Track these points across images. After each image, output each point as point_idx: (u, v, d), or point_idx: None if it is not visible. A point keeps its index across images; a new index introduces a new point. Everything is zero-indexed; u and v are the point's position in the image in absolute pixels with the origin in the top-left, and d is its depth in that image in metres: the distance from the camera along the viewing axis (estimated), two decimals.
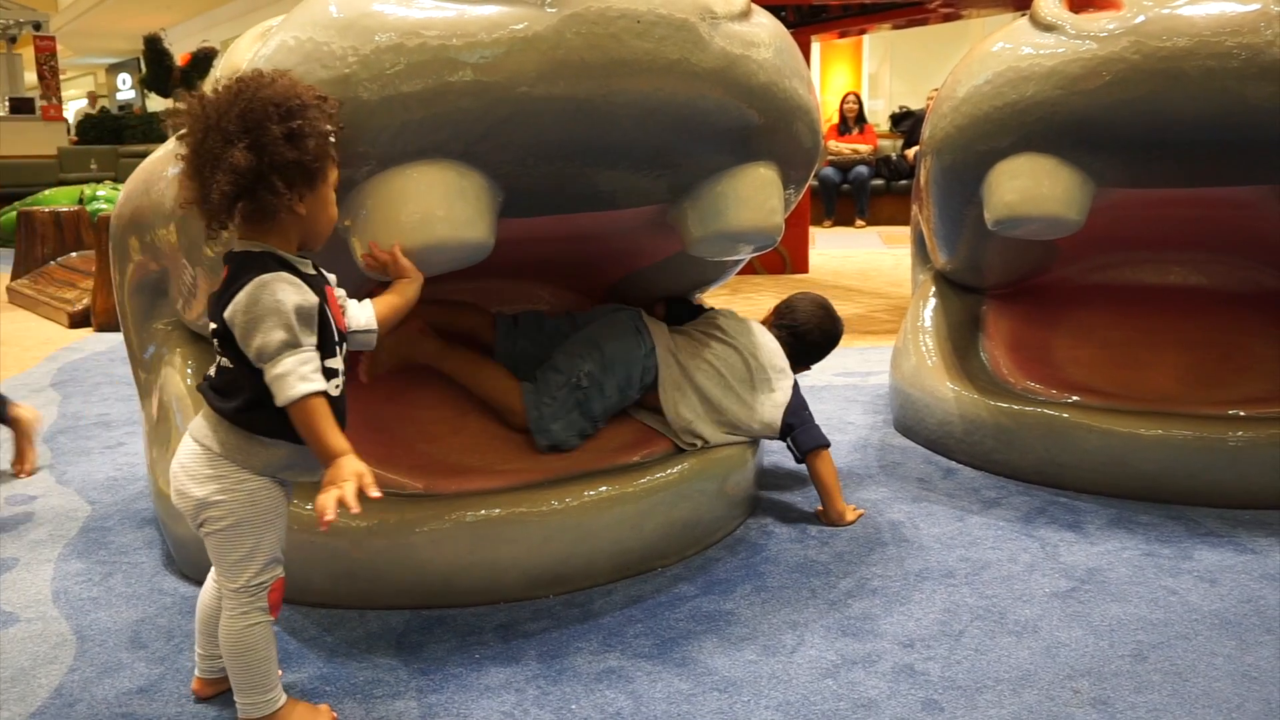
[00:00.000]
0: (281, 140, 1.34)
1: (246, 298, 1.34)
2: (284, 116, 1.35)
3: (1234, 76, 2.02)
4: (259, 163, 1.33)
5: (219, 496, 1.42)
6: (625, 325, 2.26)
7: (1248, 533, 2.17)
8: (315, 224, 1.44)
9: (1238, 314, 2.78)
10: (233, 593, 1.45)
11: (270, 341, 1.33)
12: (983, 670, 1.63)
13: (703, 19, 1.69)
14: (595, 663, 1.68)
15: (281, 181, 1.35)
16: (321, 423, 1.35)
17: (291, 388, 1.33)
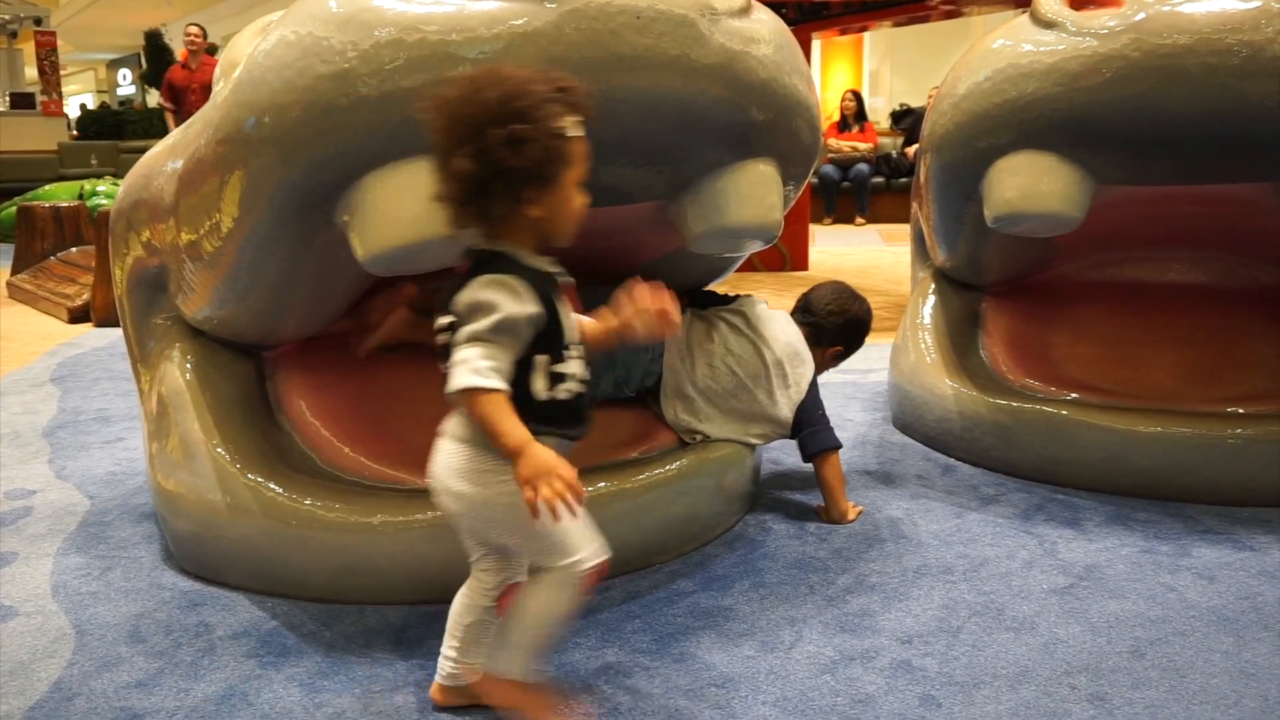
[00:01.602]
0: (503, 146, 1.29)
1: (468, 293, 1.34)
2: (506, 120, 1.29)
3: (1234, 73, 2.02)
4: (480, 169, 1.30)
5: (484, 497, 1.39)
6: None
7: (1246, 530, 2.17)
8: (553, 223, 1.39)
9: (1237, 311, 2.78)
10: (554, 570, 1.40)
11: (465, 331, 1.33)
12: (980, 666, 1.63)
13: (703, 15, 1.69)
14: (594, 658, 1.68)
15: (505, 187, 1.32)
16: (488, 417, 1.31)
17: (460, 377, 1.31)
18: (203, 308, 2.05)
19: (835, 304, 2.44)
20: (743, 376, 2.23)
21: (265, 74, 1.63)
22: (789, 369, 2.27)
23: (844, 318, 2.44)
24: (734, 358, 2.25)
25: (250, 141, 1.66)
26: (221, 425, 2.01)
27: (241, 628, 1.80)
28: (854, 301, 2.47)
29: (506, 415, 1.31)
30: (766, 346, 2.26)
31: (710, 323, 2.31)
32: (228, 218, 1.78)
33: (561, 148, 1.33)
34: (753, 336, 2.27)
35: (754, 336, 2.27)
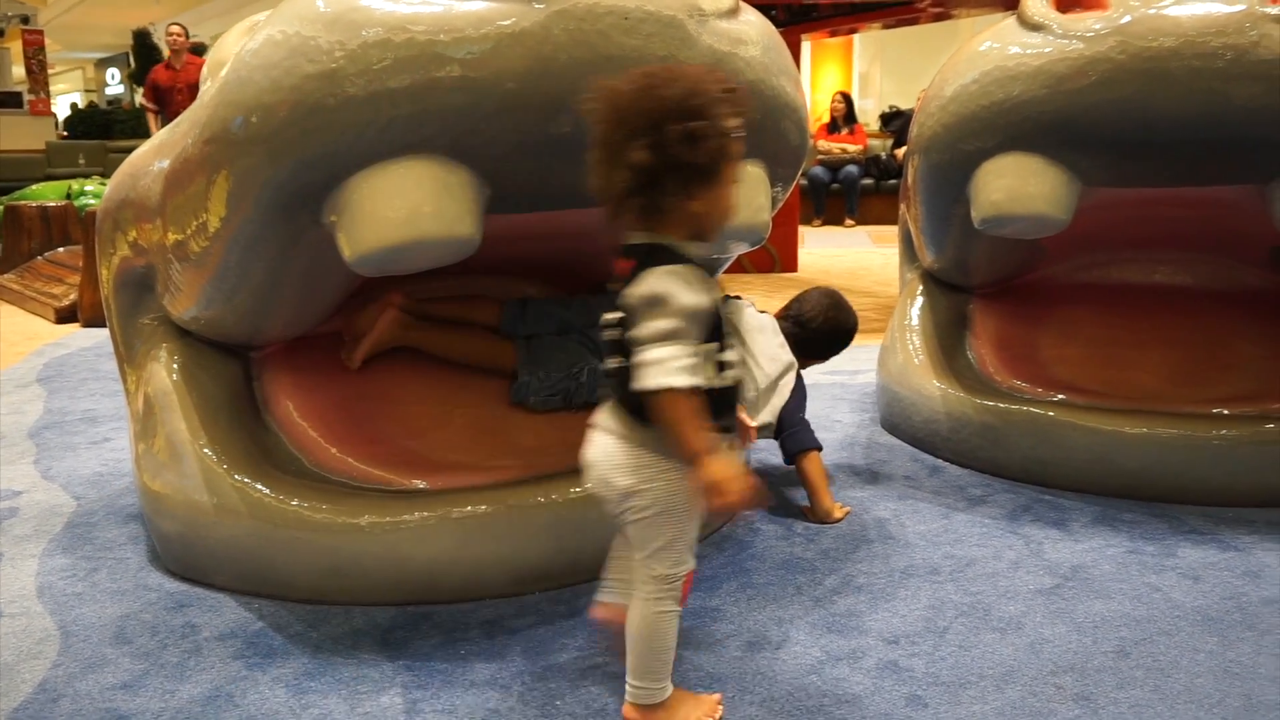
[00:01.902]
0: (680, 141, 1.32)
1: (645, 287, 1.35)
2: (685, 116, 1.32)
3: (1219, 76, 2.03)
4: (656, 162, 1.33)
5: (642, 486, 1.41)
6: None
7: (1231, 530, 2.18)
8: (710, 219, 1.41)
9: (1222, 312, 2.79)
10: (651, 579, 1.44)
11: (649, 329, 1.34)
12: (966, 666, 1.64)
13: (690, 16, 1.69)
14: (581, 659, 1.68)
15: (677, 181, 1.35)
16: (683, 418, 1.33)
17: (655, 377, 1.32)
18: (189, 308, 2.05)
19: (825, 318, 2.49)
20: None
21: (252, 73, 1.63)
22: (776, 380, 2.31)
23: (833, 331, 2.49)
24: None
25: (237, 141, 1.66)
26: (208, 425, 2.01)
27: (228, 629, 1.80)
28: (844, 314, 2.52)
29: (695, 418, 1.33)
30: (755, 360, 2.30)
31: None
32: (214, 217, 1.78)
33: (729, 146, 1.37)
34: (741, 348, 2.30)
35: (743, 348, 2.30)
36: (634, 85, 1.35)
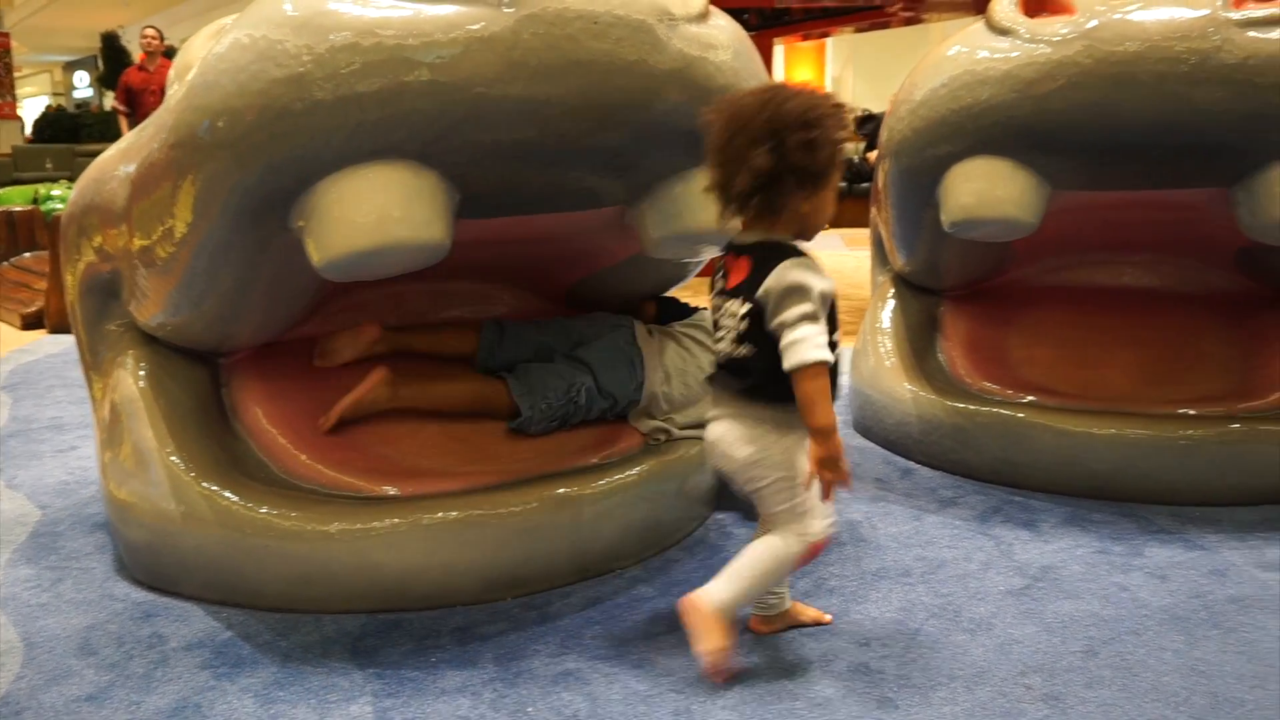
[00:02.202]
0: (800, 148, 1.51)
1: (784, 278, 1.53)
2: (804, 126, 1.51)
3: (1183, 81, 2.06)
4: (778, 165, 1.51)
5: (758, 456, 1.60)
6: (621, 356, 2.28)
7: (1197, 529, 2.21)
8: (814, 220, 1.61)
9: (1188, 313, 2.82)
10: (784, 528, 1.62)
11: (795, 313, 1.52)
12: (937, 668, 1.65)
13: (660, 21, 1.69)
14: (552, 665, 1.68)
15: (795, 182, 1.54)
16: (823, 391, 1.52)
17: (806, 353, 1.50)
18: (156, 314, 2.02)
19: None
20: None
21: (219, 77, 1.61)
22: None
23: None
24: (704, 372, 2.28)
25: (204, 146, 1.64)
26: (176, 433, 1.98)
27: (195, 639, 1.78)
28: None
29: (829, 394, 1.53)
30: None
31: (680, 342, 2.36)
32: (181, 223, 1.76)
33: (837, 156, 1.57)
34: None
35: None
36: (757, 98, 1.54)
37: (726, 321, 1.63)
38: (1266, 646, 1.69)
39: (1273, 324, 2.72)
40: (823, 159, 1.54)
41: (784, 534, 1.62)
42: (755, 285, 1.56)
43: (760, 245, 1.60)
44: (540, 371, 2.25)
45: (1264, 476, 2.33)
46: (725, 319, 1.64)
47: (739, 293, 1.59)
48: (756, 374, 1.59)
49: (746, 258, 1.60)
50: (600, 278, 2.42)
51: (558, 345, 2.33)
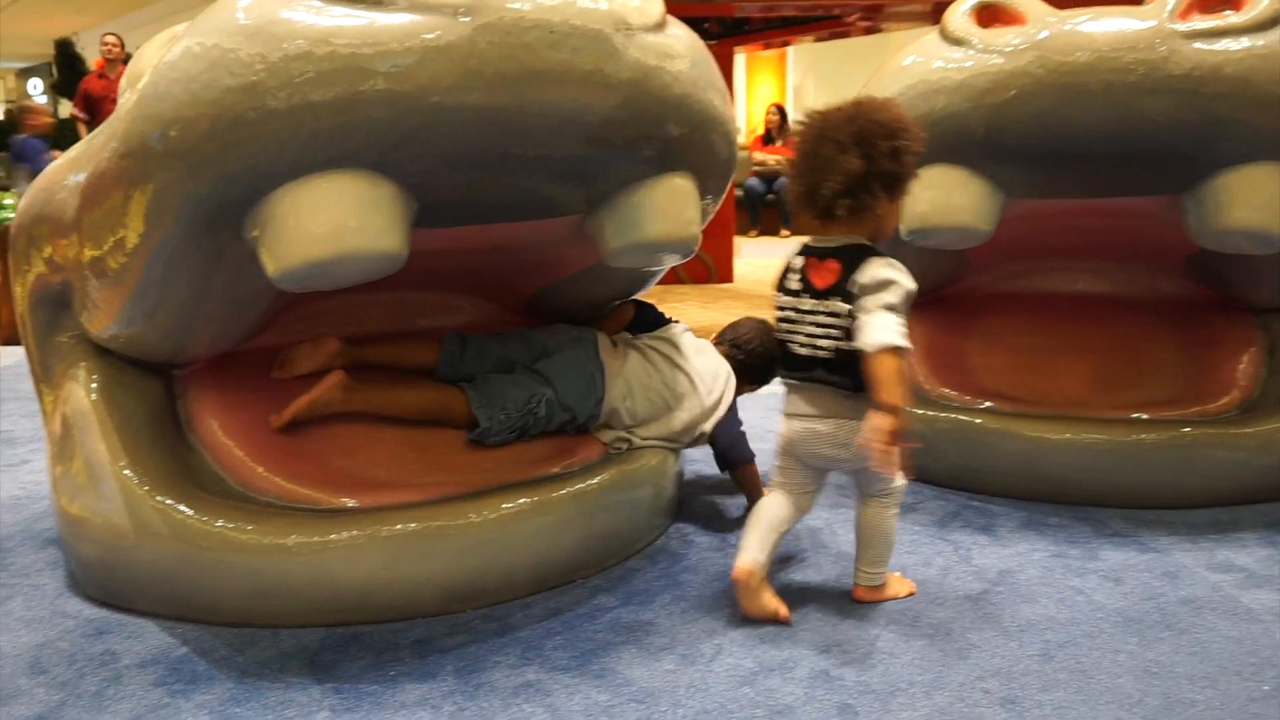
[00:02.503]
0: (887, 155, 1.70)
1: (876, 273, 1.70)
2: (890, 135, 1.70)
3: (1132, 91, 2.09)
4: (866, 169, 1.69)
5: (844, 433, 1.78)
6: (581, 370, 2.26)
7: (1150, 532, 2.24)
8: (886, 224, 1.80)
9: (1140, 319, 2.87)
10: (881, 497, 1.88)
11: (878, 301, 1.68)
12: (896, 674, 1.66)
13: (617, 30, 1.69)
14: (513, 676, 1.67)
15: (880, 187, 1.71)
16: (899, 372, 1.64)
17: (886, 336, 1.64)
18: (108, 325, 1.99)
19: (761, 341, 2.50)
20: (673, 403, 2.29)
21: (170, 86, 1.59)
22: (718, 393, 2.34)
23: (770, 354, 2.50)
24: (669, 391, 2.29)
25: (155, 155, 1.62)
26: (129, 446, 1.95)
27: (149, 655, 1.75)
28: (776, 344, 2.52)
29: (904, 377, 1.65)
30: (699, 376, 2.32)
31: (646, 355, 2.35)
32: (133, 233, 1.74)
33: (915, 165, 1.76)
34: (686, 368, 2.32)
35: (688, 368, 2.32)
36: (847, 110, 1.73)
37: (823, 320, 1.75)
38: (1217, 647, 1.72)
39: (1221, 329, 2.77)
40: (906, 166, 1.73)
41: (889, 501, 1.89)
42: (847, 281, 1.73)
43: (847, 248, 1.76)
44: (500, 382, 2.24)
45: (1214, 479, 2.37)
46: (820, 317, 1.76)
47: (835, 293, 1.74)
48: (857, 369, 1.71)
49: (834, 260, 1.76)
50: (560, 287, 2.41)
51: (519, 358, 2.32)
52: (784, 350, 1.85)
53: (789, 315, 1.82)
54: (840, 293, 1.73)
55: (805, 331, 1.78)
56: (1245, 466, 2.38)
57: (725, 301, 5.79)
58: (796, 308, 1.80)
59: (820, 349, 1.76)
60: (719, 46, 6.41)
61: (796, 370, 1.82)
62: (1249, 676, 1.63)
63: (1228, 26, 2.07)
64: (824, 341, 1.76)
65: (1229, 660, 1.68)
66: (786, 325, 1.83)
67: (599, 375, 2.26)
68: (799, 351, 1.80)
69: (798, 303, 1.80)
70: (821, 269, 1.77)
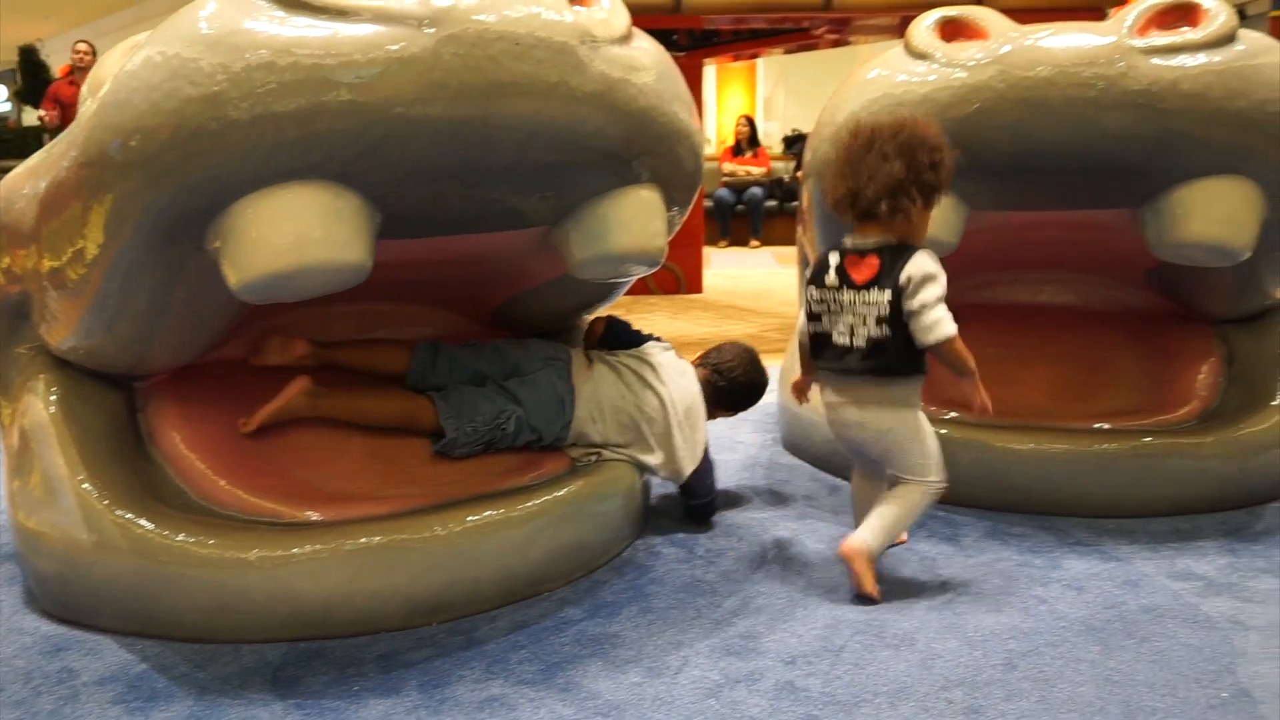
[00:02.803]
0: (926, 166, 1.90)
1: (921, 266, 1.90)
2: (931, 150, 1.91)
3: (1092, 105, 2.12)
4: (907, 177, 1.89)
5: (894, 424, 1.99)
6: (552, 393, 2.24)
7: (1113, 541, 2.27)
8: (920, 230, 1.98)
9: (1102, 330, 2.90)
10: (919, 482, 2.01)
11: (933, 295, 1.90)
12: (861, 684, 1.66)
13: (582, 42, 1.70)
14: (478, 691, 1.66)
15: (918, 193, 1.91)
16: (963, 351, 1.93)
17: (948, 328, 1.90)
18: (68, 337, 1.97)
19: (743, 370, 2.50)
20: (645, 429, 2.28)
21: (131, 95, 1.58)
22: (690, 430, 2.32)
23: (750, 384, 2.52)
24: (640, 414, 2.28)
25: (115, 165, 1.60)
26: (88, 459, 1.93)
27: (108, 672, 1.72)
28: (759, 370, 2.55)
29: (967, 351, 1.93)
30: (673, 406, 2.29)
31: (621, 375, 2.32)
32: (92, 244, 1.72)
33: (949, 180, 1.95)
34: (661, 392, 2.29)
35: (662, 393, 2.29)
36: (893, 123, 1.94)
37: (861, 310, 1.94)
38: (1176, 655, 1.74)
39: (1182, 340, 2.81)
40: (942, 179, 1.93)
41: (914, 486, 2.01)
42: (891, 275, 1.91)
43: (884, 246, 1.95)
44: (471, 394, 2.23)
45: (1175, 488, 2.40)
46: (859, 308, 1.95)
47: (875, 284, 1.93)
48: (892, 352, 1.93)
49: (873, 256, 1.95)
50: (526, 298, 2.41)
51: (491, 372, 2.30)
52: (817, 340, 2.05)
53: (826, 307, 2.02)
54: (877, 284, 1.92)
55: (845, 321, 1.98)
56: (1205, 475, 2.41)
57: (694, 312, 5.81)
58: (835, 299, 1.99)
59: (857, 337, 1.96)
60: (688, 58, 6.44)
61: (831, 358, 2.02)
62: (1207, 684, 1.65)
63: (1184, 43, 2.11)
64: (861, 329, 1.95)
65: (1188, 668, 1.70)
66: (823, 316, 2.03)
67: (569, 398, 2.25)
68: (836, 340, 2.00)
69: (837, 295, 1.99)
70: (861, 265, 1.96)
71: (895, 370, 1.96)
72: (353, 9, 1.56)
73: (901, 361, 1.95)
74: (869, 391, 2.00)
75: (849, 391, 2.02)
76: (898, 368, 1.96)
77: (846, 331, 1.97)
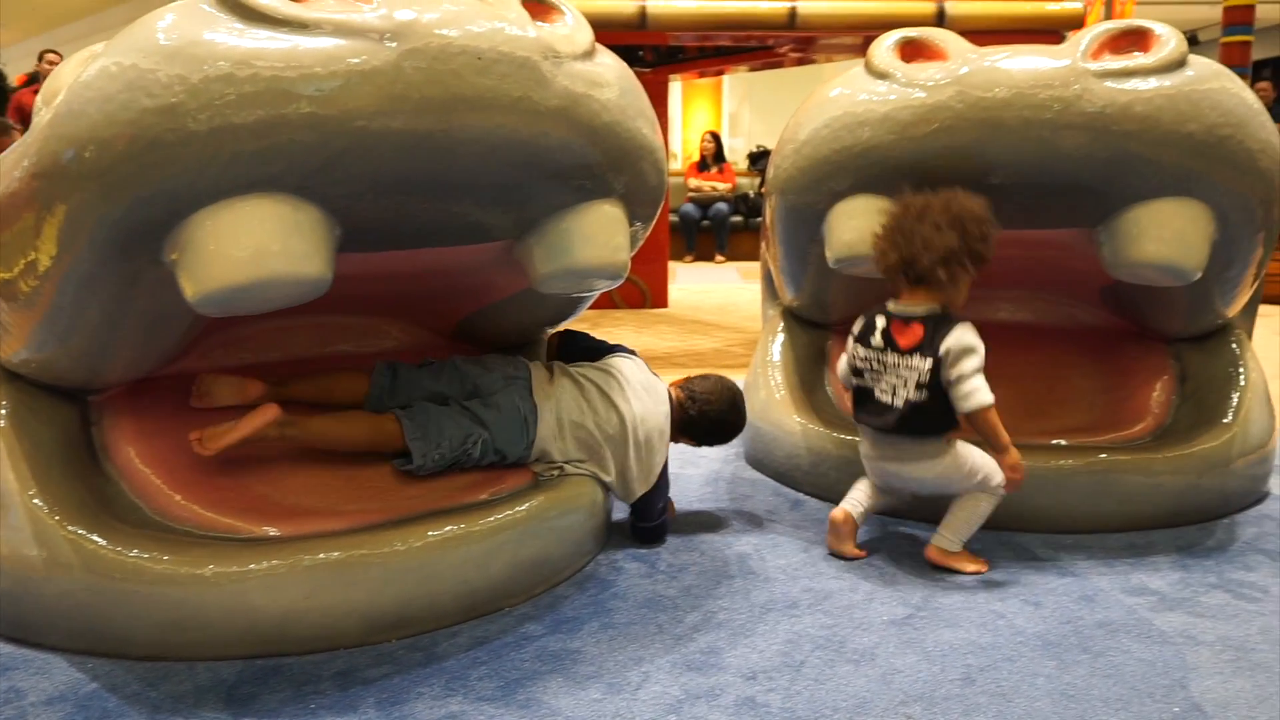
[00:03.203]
0: (977, 237, 2.08)
1: (960, 339, 2.09)
2: (979, 222, 2.10)
3: (1048, 126, 2.15)
4: (959, 245, 2.08)
5: (944, 468, 2.19)
6: (515, 415, 2.21)
7: (1069, 556, 2.29)
8: (963, 296, 2.16)
9: (1059, 348, 2.94)
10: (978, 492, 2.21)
11: (970, 366, 2.08)
12: (821, 700, 1.67)
13: (545, 57, 1.70)
14: (436, 708, 1.64)
15: (968, 260, 2.09)
16: (998, 422, 2.11)
17: (984, 397, 2.08)
18: (19, 350, 1.93)
19: (719, 412, 2.44)
20: (604, 446, 2.25)
21: (86, 105, 1.55)
22: (646, 452, 2.28)
23: (721, 423, 2.47)
24: (603, 434, 2.25)
25: (69, 176, 1.58)
26: (39, 474, 1.89)
27: (57, 692, 1.69)
28: (738, 413, 2.50)
29: (998, 421, 2.12)
30: (634, 425, 2.26)
31: (583, 390, 2.28)
32: (45, 255, 1.69)
33: (992, 250, 2.13)
34: (622, 409, 2.26)
35: (624, 409, 2.26)
36: (942, 197, 2.11)
37: (903, 373, 2.13)
38: (1130, 670, 1.76)
39: (1135, 358, 2.86)
40: (989, 248, 2.11)
41: (979, 493, 2.20)
42: (933, 344, 2.09)
43: (929, 315, 2.13)
44: (437, 415, 2.18)
45: (1130, 504, 2.43)
46: (901, 371, 2.13)
47: (918, 351, 2.11)
48: (932, 414, 2.12)
49: (918, 324, 2.13)
50: (489, 312, 2.41)
51: (451, 392, 2.27)
52: (861, 396, 2.25)
53: (869, 365, 2.20)
54: (920, 351, 2.11)
55: (887, 381, 2.16)
56: (1159, 491, 2.44)
57: (659, 326, 5.82)
58: (880, 360, 2.18)
59: (897, 397, 2.14)
60: (654, 74, 6.47)
61: (872, 414, 2.21)
62: (1160, 698, 1.67)
63: (1137, 67, 2.15)
64: (901, 391, 2.13)
65: (1141, 682, 1.72)
66: (866, 373, 2.22)
67: (531, 417, 2.22)
68: (879, 397, 2.18)
69: (881, 357, 2.17)
70: (906, 331, 2.14)
71: (937, 428, 2.15)
72: (314, 22, 1.56)
73: (936, 424, 2.14)
74: (907, 448, 2.19)
75: (890, 446, 2.22)
76: (939, 425, 2.15)
77: (889, 391, 2.16)
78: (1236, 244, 2.33)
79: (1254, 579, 2.16)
